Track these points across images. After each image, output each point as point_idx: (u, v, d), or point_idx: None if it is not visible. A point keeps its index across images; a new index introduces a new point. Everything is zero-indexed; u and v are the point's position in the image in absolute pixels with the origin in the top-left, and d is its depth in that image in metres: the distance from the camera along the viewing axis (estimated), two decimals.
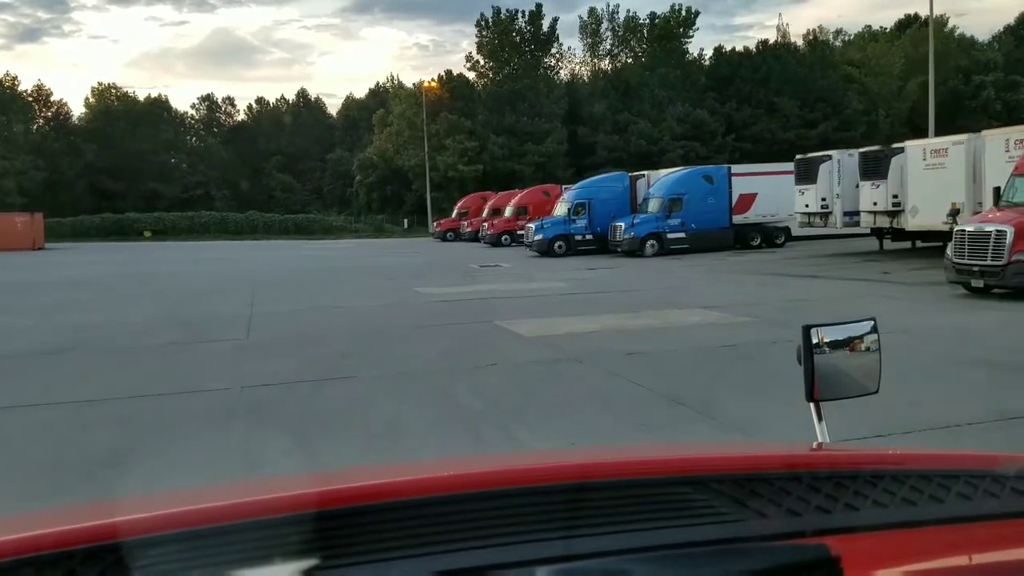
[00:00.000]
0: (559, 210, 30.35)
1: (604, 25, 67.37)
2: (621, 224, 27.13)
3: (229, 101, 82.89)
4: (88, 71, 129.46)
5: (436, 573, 0.84)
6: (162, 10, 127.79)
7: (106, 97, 73.56)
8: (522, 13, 62.94)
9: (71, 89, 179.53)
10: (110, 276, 24.33)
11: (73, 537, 0.84)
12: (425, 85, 58.88)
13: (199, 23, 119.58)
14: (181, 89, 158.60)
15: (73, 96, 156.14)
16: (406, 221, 60.36)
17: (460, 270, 23.59)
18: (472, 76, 63.59)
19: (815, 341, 1.52)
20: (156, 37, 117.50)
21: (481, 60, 63.98)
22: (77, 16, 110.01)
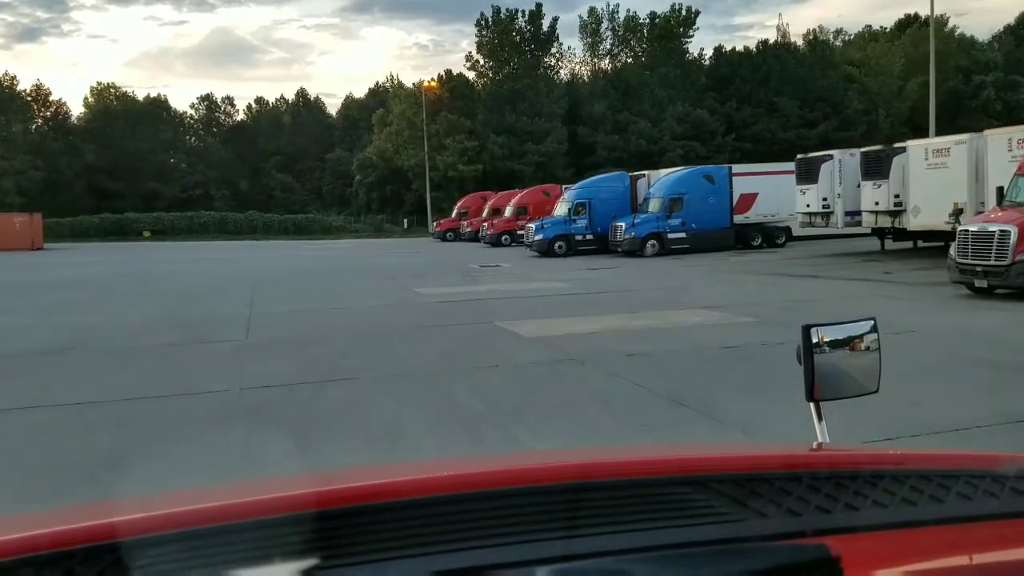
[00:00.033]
0: (559, 210, 30.23)
1: (604, 25, 67.44)
2: (622, 224, 27.06)
3: (228, 101, 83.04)
4: (87, 71, 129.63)
5: (435, 573, 0.84)
6: (161, 10, 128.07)
7: (105, 97, 73.45)
8: (522, 13, 62.98)
9: (70, 89, 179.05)
10: (109, 276, 24.26)
11: (72, 537, 0.83)
12: (425, 85, 58.79)
13: (198, 23, 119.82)
14: (180, 89, 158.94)
15: (72, 96, 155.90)
16: (406, 221, 60.26)
17: (460, 270, 23.53)
18: (472, 76, 63.60)
19: (815, 341, 1.51)
20: (155, 37, 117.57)
21: (481, 60, 63.99)
22: (76, 16, 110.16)
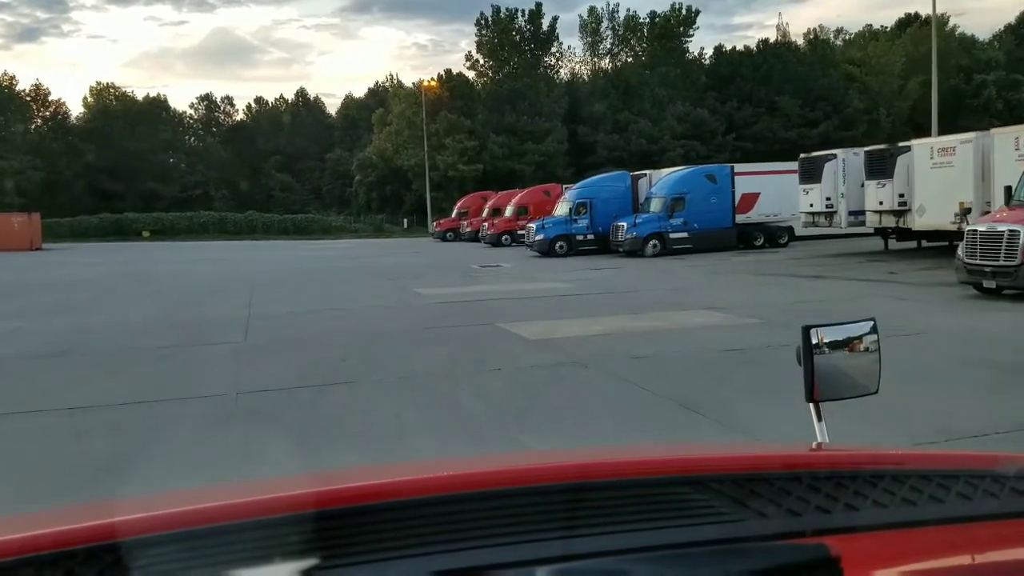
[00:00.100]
0: (560, 210, 30.05)
1: (604, 24, 67.25)
2: (623, 224, 26.88)
3: (228, 101, 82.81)
4: (87, 71, 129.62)
5: (435, 573, 0.83)
6: (161, 10, 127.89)
7: (104, 97, 73.24)
8: (522, 12, 62.82)
9: (70, 89, 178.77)
10: (109, 276, 24.13)
11: (73, 537, 0.83)
12: (425, 84, 58.64)
13: (198, 23, 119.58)
14: (180, 89, 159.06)
15: (72, 96, 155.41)
16: (406, 221, 60.09)
17: (460, 270, 23.38)
18: (472, 75, 63.45)
19: (815, 341, 1.52)
20: (155, 37, 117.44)
21: (481, 59, 63.82)
22: (76, 16, 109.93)
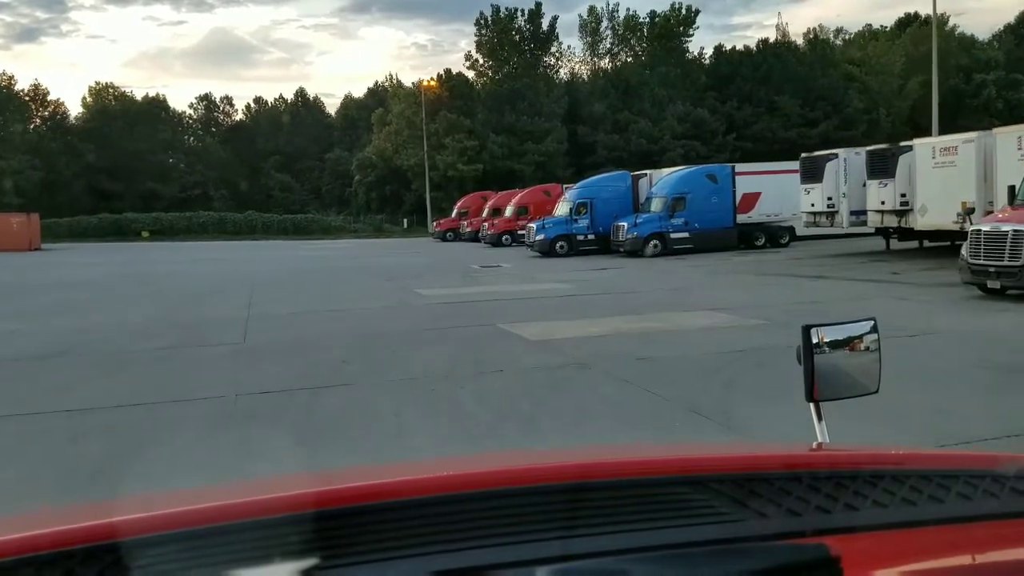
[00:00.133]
0: (561, 210, 29.94)
1: (604, 24, 67.18)
2: (624, 224, 26.79)
3: (227, 101, 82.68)
4: (86, 71, 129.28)
5: (435, 573, 0.83)
6: (160, 10, 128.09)
7: (103, 97, 73.10)
8: (522, 12, 62.72)
9: (69, 89, 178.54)
10: (108, 277, 24.06)
11: (72, 537, 0.83)
12: (424, 84, 58.54)
13: (197, 23, 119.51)
14: (179, 89, 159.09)
15: (71, 96, 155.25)
16: (405, 221, 59.99)
17: (461, 271, 23.30)
18: (471, 75, 63.35)
19: (815, 341, 1.51)
20: (154, 37, 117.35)
21: (480, 59, 63.72)
22: (75, 16, 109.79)
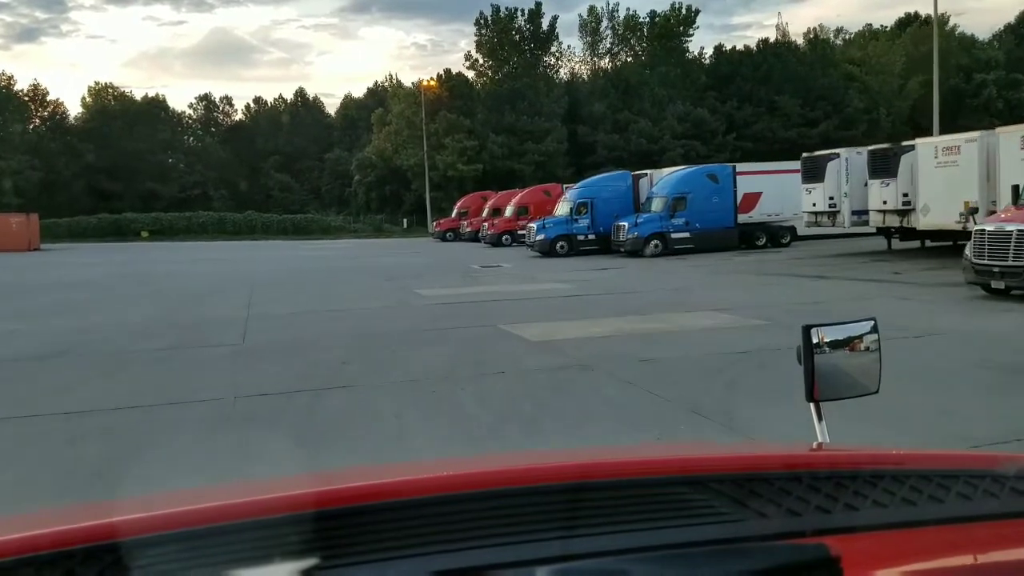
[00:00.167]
0: (561, 209, 29.86)
1: (604, 24, 67.11)
2: (624, 224, 26.72)
3: (227, 101, 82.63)
4: (86, 71, 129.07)
5: (434, 573, 0.83)
6: (160, 10, 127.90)
7: (103, 97, 72.99)
8: (522, 12, 62.66)
9: (69, 89, 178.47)
10: (108, 277, 23.98)
11: (72, 537, 0.83)
12: (424, 84, 58.46)
13: (197, 23, 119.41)
14: (179, 89, 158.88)
15: (71, 96, 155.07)
16: (405, 221, 59.90)
17: (461, 271, 23.23)
18: (471, 75, 63.28)
19: (815, 341, 1.51)
20: (154, 37, 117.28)
21: (480, 59, 63.64)
22: (75, 16, 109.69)
